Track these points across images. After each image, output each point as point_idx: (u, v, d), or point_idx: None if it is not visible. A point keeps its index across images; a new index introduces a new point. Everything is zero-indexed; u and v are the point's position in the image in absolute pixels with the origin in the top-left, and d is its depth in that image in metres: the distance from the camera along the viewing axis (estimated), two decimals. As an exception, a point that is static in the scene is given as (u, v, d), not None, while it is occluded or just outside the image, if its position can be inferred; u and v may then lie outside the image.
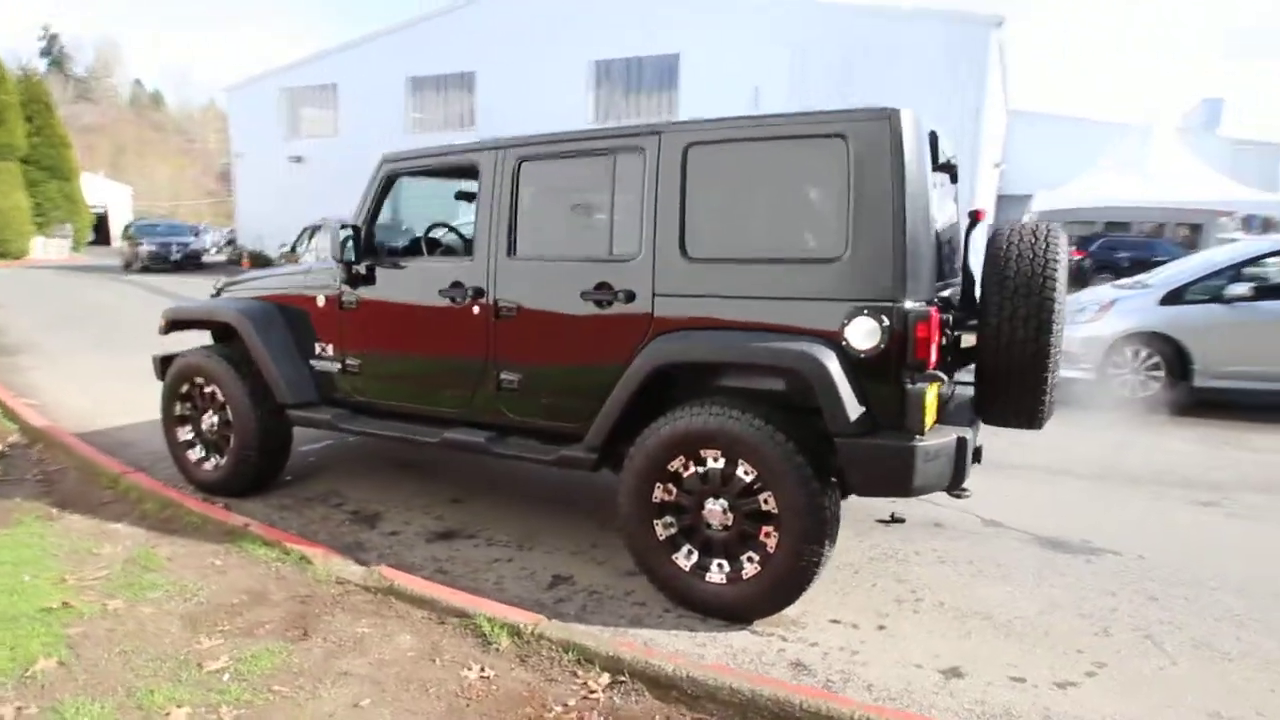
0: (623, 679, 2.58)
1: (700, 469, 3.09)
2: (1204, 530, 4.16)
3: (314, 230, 15.02)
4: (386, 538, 3.95)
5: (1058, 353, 3.06)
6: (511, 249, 3.59)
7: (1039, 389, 3.07)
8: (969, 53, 17.53)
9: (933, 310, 2.84)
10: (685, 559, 3.16)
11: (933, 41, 17.71)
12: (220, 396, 4.41)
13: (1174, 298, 6.82)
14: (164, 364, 4.76)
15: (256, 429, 4.30)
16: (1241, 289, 6.55)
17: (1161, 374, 6.74)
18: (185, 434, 4.62)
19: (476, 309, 3.67)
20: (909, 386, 2.81)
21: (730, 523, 3.06)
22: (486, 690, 2.54)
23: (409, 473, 5.00)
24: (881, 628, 3.07)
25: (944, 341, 3.04)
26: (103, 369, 8.16)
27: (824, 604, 3.24)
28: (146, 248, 23.25)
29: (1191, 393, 6.66)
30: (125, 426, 5.96)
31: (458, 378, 3.80)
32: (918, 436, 2.82)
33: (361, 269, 4.01)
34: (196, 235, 26.91)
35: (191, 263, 24.18)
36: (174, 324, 4.79)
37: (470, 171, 3.83)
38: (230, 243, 33.69)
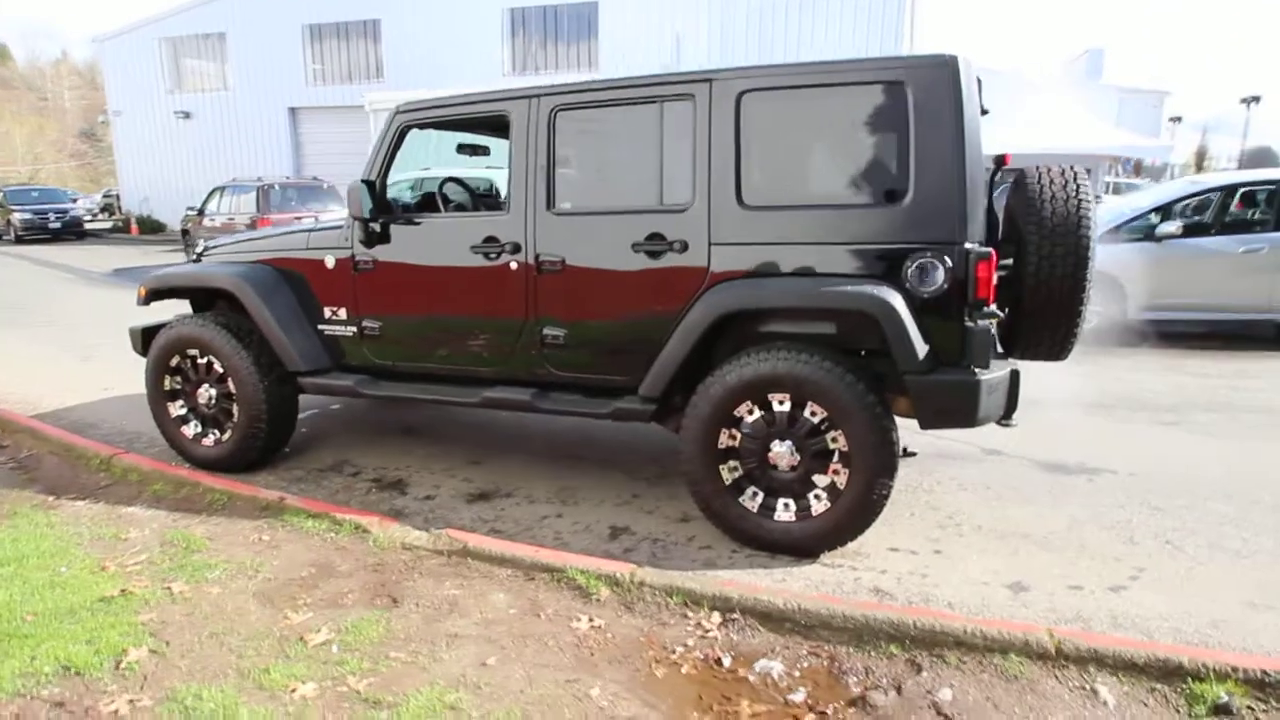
0: (734, 616, 2.68)
1: (765, 413, 3.18)
2: (1175, 447, 4.59)
3: (223, 190, 14.04)
4: (422, 503, 3.87)
5: (1090, 286, 3.28)
6: (550, 202, 3.51)
7: (1073, 321, 3.30)
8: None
9: (993, 250, 2.99)
10: (751, 501, 3.26)
11: (852, -11, 17.98)
12: (219, 368, 4.16)
13: (1110, 237, 7.34)
14: (146, 336, 4.43)
15: (265, 400, 4.09)
16: (1171, 227, 7.12)
17: (1100, 309, 7.28)
18: (177, 409, 4.34)
19: (514, 265, 3.59)
20: (974, 324, 2.97)
21: (796, 463, 3.18)
22: (603, 639, 2.58)
23: (414, 438, 4.88)
24: (937, 552, 3.28)
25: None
26: (23, 349, 7.49)
27: (876, 535, 3.41)
28: (21, 216, 21.15)
29: (1129, 325, 7.24)
30: (76, 407, 5.53)
31: (494, 336, 3.72)
32: (981, 371, 2.99)
33: (377, 228, 3.84)
34: (74, 201, 24.62)
35: (72, 231, 22.18)
36: (156, 293, 4.45)
37: (496, 123, 3.70)
38: (107, 209, 31.02)
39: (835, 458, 3.13)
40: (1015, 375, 3.12)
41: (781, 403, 3.16)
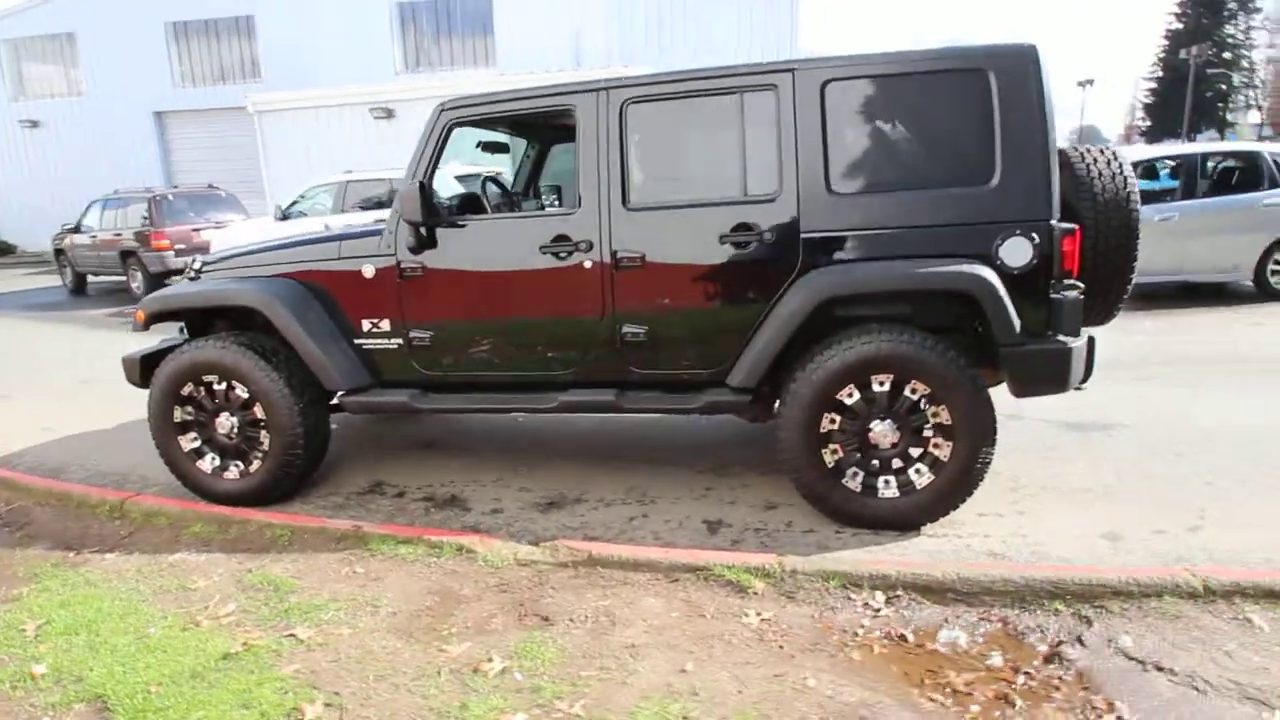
0: (896, 593, 2.73)
1: (865, 394, 3.26)
2: (1164, 399, 5.04)
3: (105, 204, 12.73)
4: (493, 517, 3.70)
5: (1138, 256, 3.55)
6: (626, 198, 3.44)
7: (1124, 289, 3.56)
8: (780, -4, 18.43)
9: (1077, 227, 3.18)
10: (853, 481, 3.33)
11: (747, -16, 18.44)
12: (242, 393, 3.81)
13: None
14: (147, 365, 3.99)
15: (301, 424, 3.78)
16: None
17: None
18: (190, 442, 3.94)
19: (588, 263, 3.49)
20: (1066, 296, 3.15)
21: (897, 440, 3.27)
22: (781, 630, 2.57)
23: (441, 451, 4.66)
24: (1021, 513, 3.46)
25: None
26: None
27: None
28: None
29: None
30: (25, 452, 4.93)
31: (568, 337, 3.60)
32: (1070, 339, 3.19)
33: (428, 232, 3.62)
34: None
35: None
36: (159, 316, 4.01)
37: (557, 118, 3.57)
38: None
39: (936, 432, 3.25)
40: (1092, 341, 3.34)
41: (882, 383, 3.24)
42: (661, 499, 3.82)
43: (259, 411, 3.81)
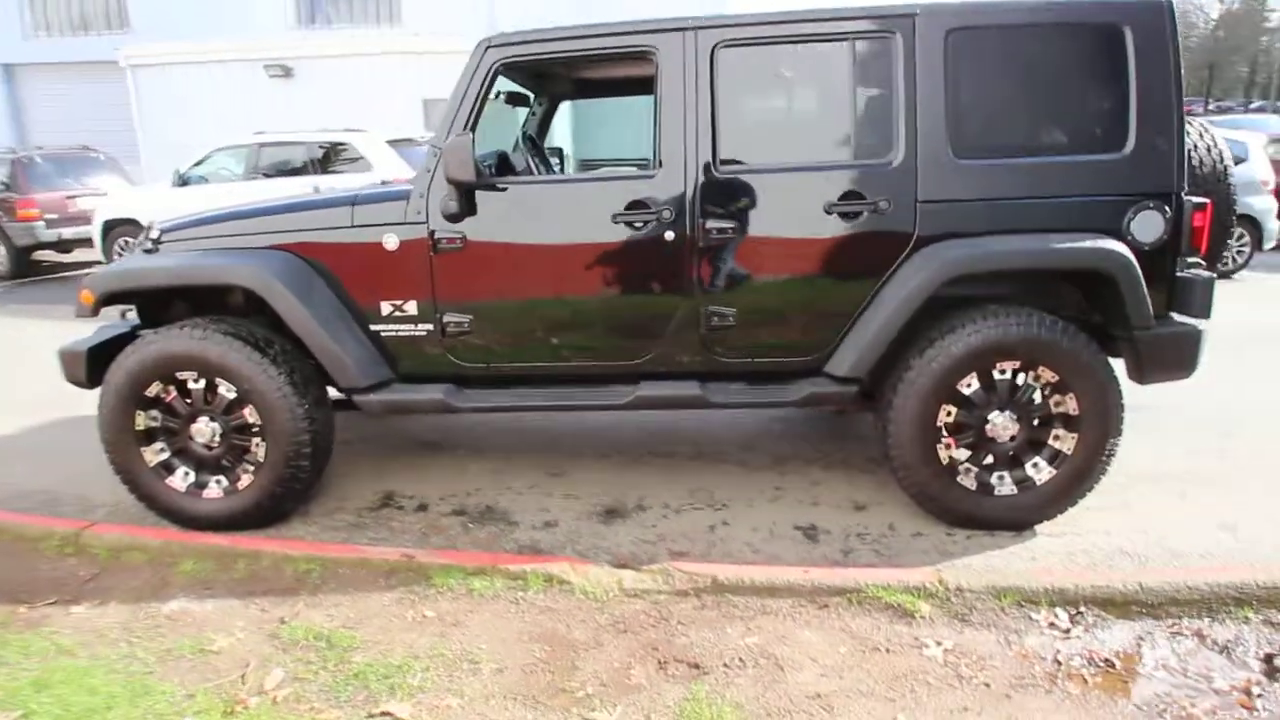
0: (1078, 610, 2.44)
1: (986, 383, 2.95)
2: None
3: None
4: (549, 532, 3.17)
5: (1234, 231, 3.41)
6: (715, 160, 2.95)
7: (1217, 263, 3.42)
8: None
9: (1209, 200, 2.97)
10: (968, 478, 3.03)
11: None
12: (226, 392, 3.08)
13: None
14: (95, 359, 3.17)
15: (308, 429, 3.10)
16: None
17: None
18: (156, 454, 3.17)
19: (670, 234, 2.99)
20: (1199, 275, 2.94)
21: (1016, 432, 2.99)
22: (976, 663, 2.22)
23: (450, 454, 4.04)
24: (1125, 505, 3.26)
25: None
26: None
27: (1053, 495, 3.34)
28: None
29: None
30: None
31: (641, 321, 3.10)
32: (1201, 321, 2.98)
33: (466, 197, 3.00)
34: None
35: None
36: (114, 297, 3.18)
37: (626, 63, 3.04)
38: None
39: (1059, 423, 2.99)
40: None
41: (1004, 371, 2.94)
42: (733, 502, 3.40)
43: (250, 415, 3.09)
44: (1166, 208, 2.89)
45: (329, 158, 9.43)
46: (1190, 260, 3.02)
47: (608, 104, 5.17)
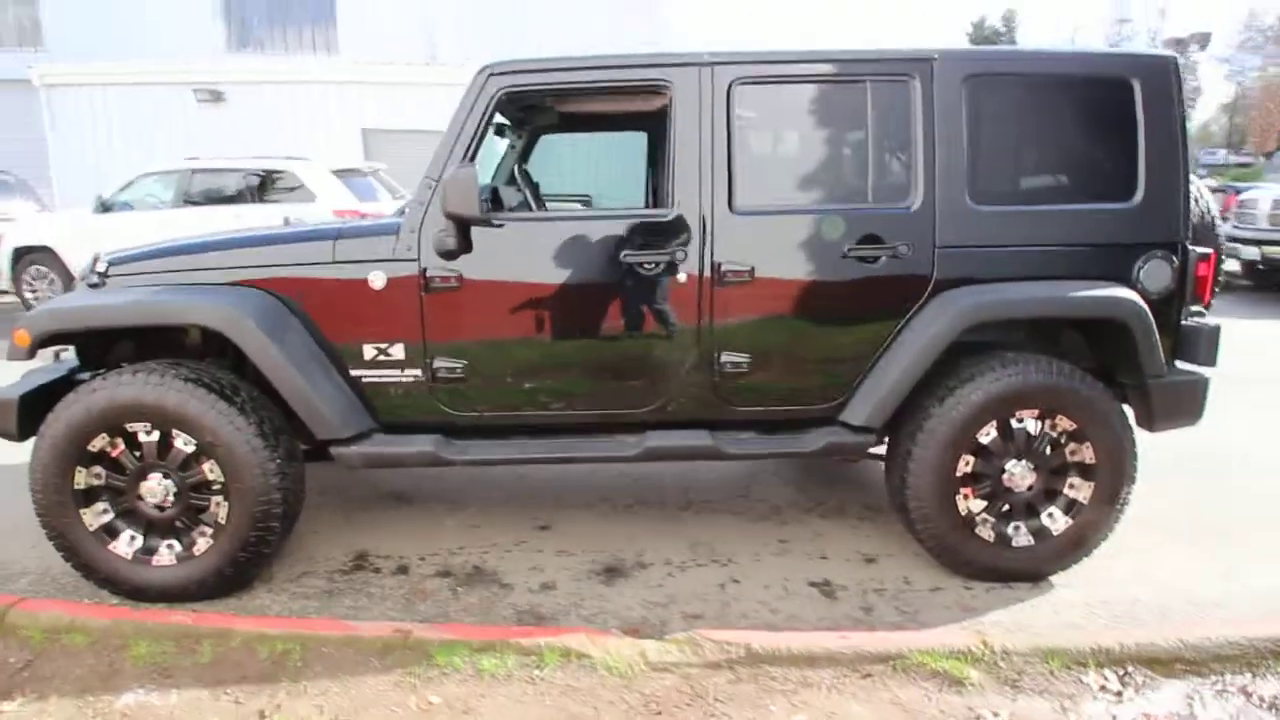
0: (1126, 670, 2.34)
1: (1004, 432, 2.89)
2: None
3: None
4: (548, 595, 2.92)
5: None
6: (732, 199, 2.83)
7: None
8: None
9: (1211, 251, 3.01)
10: (986, 530, 2.95)
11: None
12: (185, 446, 2.74)
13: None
14: (30, 407, 2.77)
15: (279, 485, 2.78)
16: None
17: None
18: (98, 516, 2.79)
19: (683, 276, 2.84)
20: (1204, 324, 2.97)
21: (1034, 482, 2.93)
22: (1033, 734, 2.09)
23: (418, 504, 3.75)
24: (1130, 550, 3.18)
25: None
26: None
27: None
28: None
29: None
30: None
31: (649, 367, 2.91)
32: (1207, 368, 3.00)
33: (456, 234, 2.78)
34: None
35: None
36: (53, 337, 2.80)
37: (638, 94, 2.90)
38: None
39: (1075, 472, 2.94)
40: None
41: (1021, 419, 2.88)
42: (739, 557, 3.22)
43: (211, 471, 2.76)
44: (1174, 257, 2.92)
45: (266, 186, 8.96)
46: (1194, 309, 3.05)
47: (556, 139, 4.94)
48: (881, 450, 3.13)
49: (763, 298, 2.87)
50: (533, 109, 3.61)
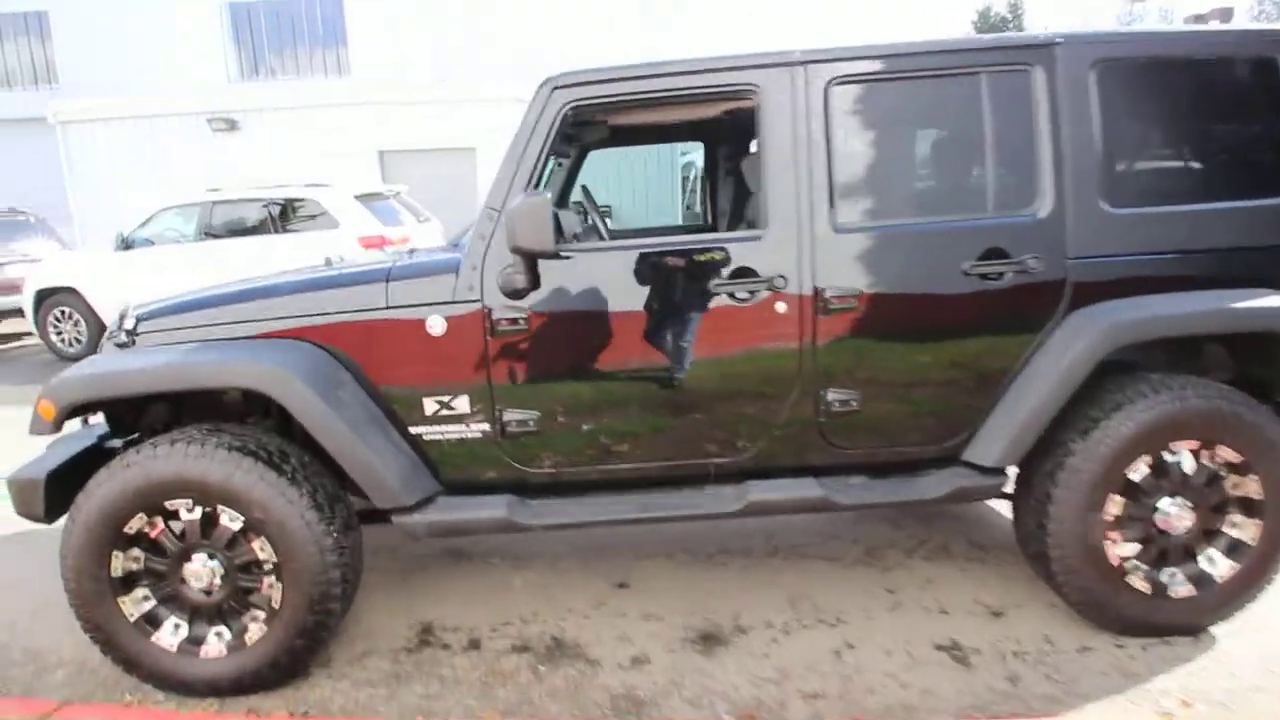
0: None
1: (1157, 467, 2.52)
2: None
3: None
4: (639, 671, 2.58)
5: None
6: (834, 215, 2.49)
7: None
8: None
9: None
10: (1139, 579, 2.58)
11: None
12: (233, 523, 2.43)
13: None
14: (58, 485, 2.48)
15: (338, 562, 2.47)
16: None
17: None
18: (139, 604, 2.49)
19: (782, 305, 2.50)
20: None
21: (1192, 523, 2.56)
22: None
23: (479, 563, 3.42)
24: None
25: None
26: None
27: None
28: None
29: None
30: None
31: (750, 408, 2.58)
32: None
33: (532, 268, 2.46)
34: None
35: None
36: (83, 407, 2.51)
37: (723, 100, 2.58)
38: None
39: (1236, 508, 2.57)
40: None
41: (1175, 452, 2.52)
42: (847, 615, 2.87)
43: (261, 549, 2.45)
44: (1339, 258, 2.55)
45: (288, 214, 8.73)
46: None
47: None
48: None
49: (872, 325, 2.53)
50: (587, 124, 3.30)
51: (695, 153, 14.93)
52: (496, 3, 17.56)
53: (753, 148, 3.70)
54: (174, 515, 2.45)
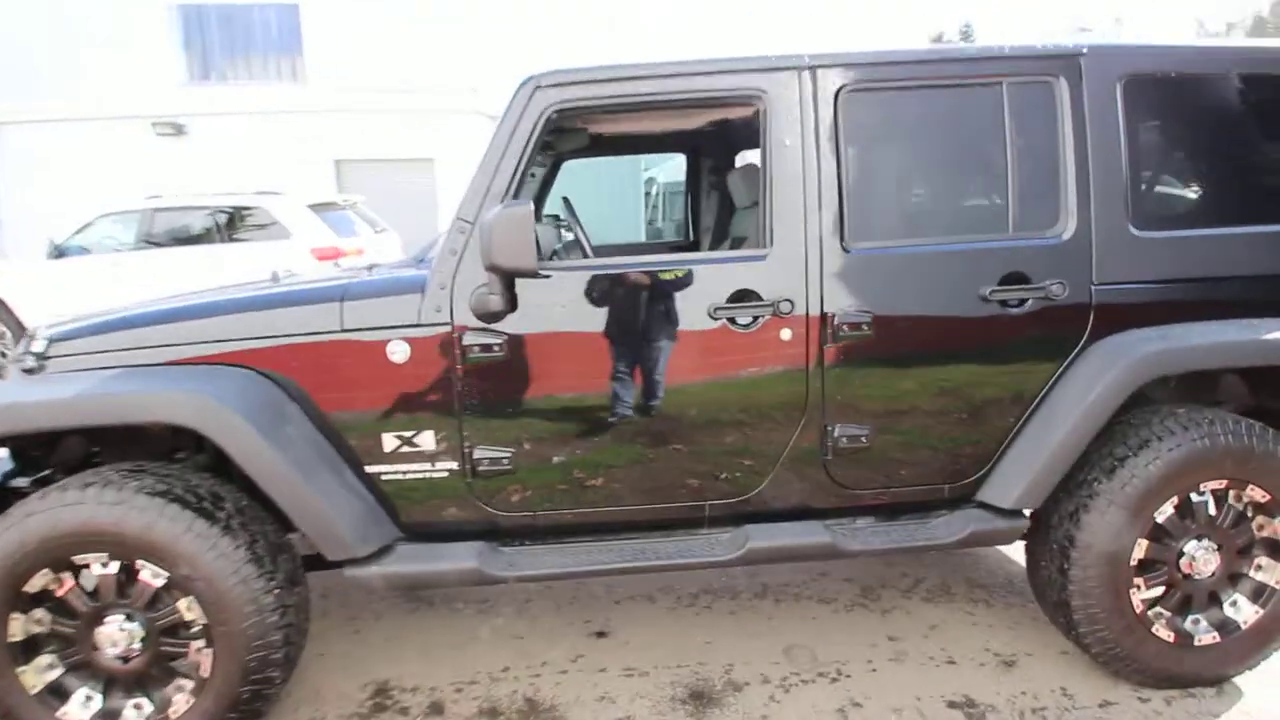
0: None
1: (1183, 509, 2.35)
2: None
3: None
4: (627, 738, 2.30)
5: None
6: (844, 235, 2.27)
7: None
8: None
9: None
10: (1162, 627, 2.39)
11: None
12: (154, 579, 2.09)
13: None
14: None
15: (279, 624, 2.14)
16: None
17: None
18: (43, 673, 2.13)
19: (787, 333, 2.26)
20: None
21: (1218, 566, 2.39)
22: None
23: (442, 609, 3.10)
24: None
25: None
26: None
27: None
28: None
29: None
30: None
31: (750, 444, 2.33)
32: None
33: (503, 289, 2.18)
34: None
35: None
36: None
37: (723, 106, 2.35)
38: None
39: (1263, 550, 2.41)
40: None
41: (1203, 492, 2.34)
42: (848, 666, 2.63)
43: (186, 609, 2.11)
44: (1375, 287, 2.41)
45: (235, 223, 8.28)
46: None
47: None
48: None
49: (884, 355, 2.31)
50: (567, 130, 3.04)
51: (656, 168, 14.81)
52: (457, 12, 17.22)
53: (738, 160, 3.51)
54: (85, 570, 2.10)
